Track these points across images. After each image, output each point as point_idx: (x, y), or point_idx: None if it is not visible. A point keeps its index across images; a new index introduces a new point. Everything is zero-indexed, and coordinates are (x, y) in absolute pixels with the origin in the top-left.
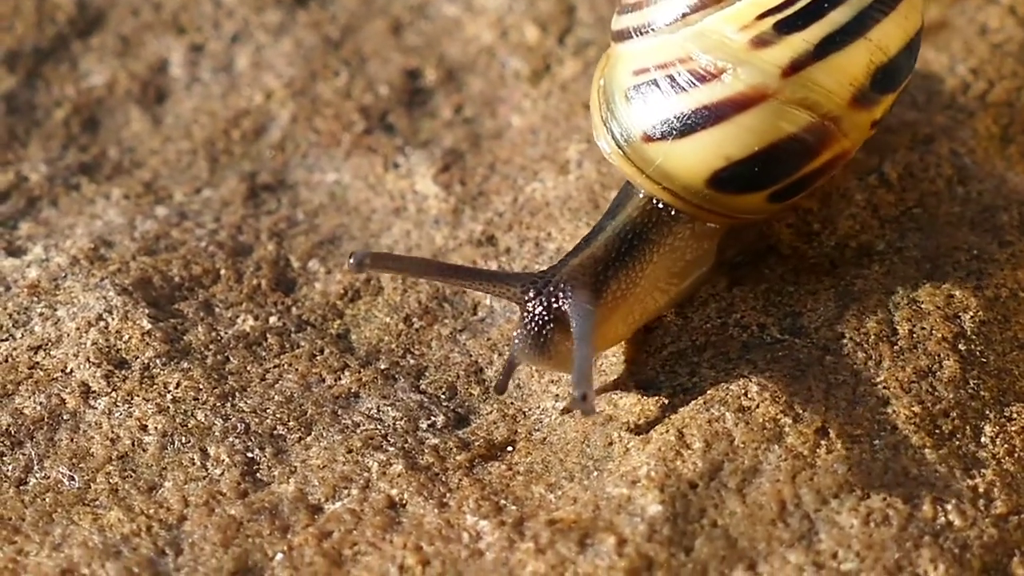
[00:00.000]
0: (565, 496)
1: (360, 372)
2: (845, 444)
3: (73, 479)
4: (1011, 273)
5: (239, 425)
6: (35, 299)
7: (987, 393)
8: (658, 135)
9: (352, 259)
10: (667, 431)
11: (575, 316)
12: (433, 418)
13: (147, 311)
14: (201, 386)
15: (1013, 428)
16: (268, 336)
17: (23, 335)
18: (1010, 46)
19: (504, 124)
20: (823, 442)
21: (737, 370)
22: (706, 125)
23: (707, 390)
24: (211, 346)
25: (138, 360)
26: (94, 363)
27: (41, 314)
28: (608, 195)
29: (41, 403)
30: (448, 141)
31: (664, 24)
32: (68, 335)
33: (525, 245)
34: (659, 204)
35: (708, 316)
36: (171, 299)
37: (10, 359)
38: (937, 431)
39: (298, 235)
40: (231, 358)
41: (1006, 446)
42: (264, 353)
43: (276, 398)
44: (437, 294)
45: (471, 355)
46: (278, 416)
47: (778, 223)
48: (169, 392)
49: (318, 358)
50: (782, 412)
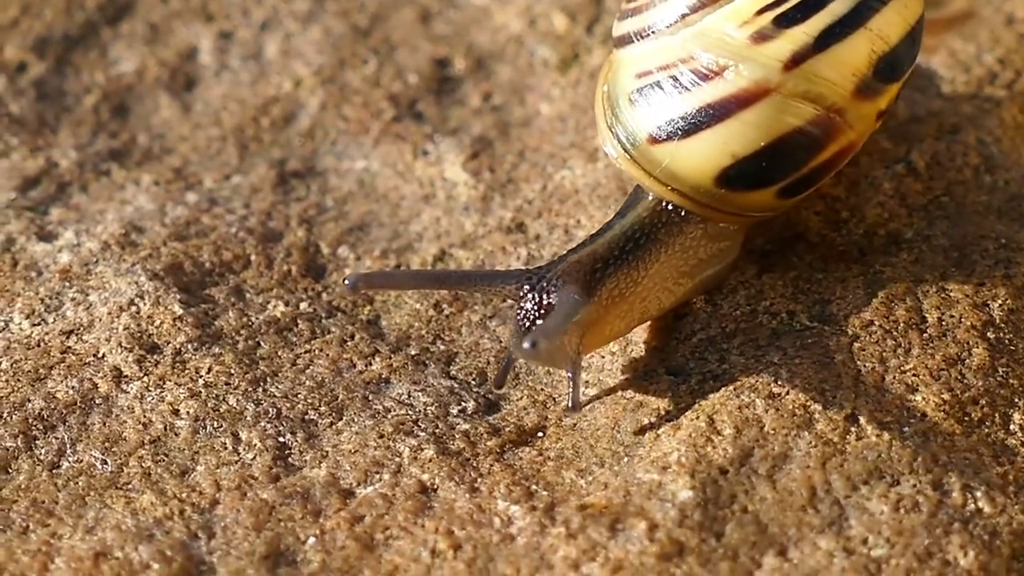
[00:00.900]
0: (596, 481)
1: (391, 358)
2: (875, 431)
3: (106, 463)
4: None
5: (271, 410)
6: (67, 284)
7: (1016, 381)
8: (664, 136)
9: (347, 282)
10: (697, 417)
11: (560, 303)
12: (464, 404)
13: (178, 296)
14: (233, 371)
15: None
16: (299, 322)
17: (55, 320)
18: None
19: (533, 112)
20: (853, 429)
21: (767, 357)
22: (711, 123)
23: (737, 377)
24: (242, 331)
25: (170, 345)
26: (126, 348)
27: (73, 299)
28: None
29: (73, 387)
30: (477, 129)
31: (664, 26)
32: (100, 320)
33: (555, 232)
34: (669, 206)
35: (737, 303)
36: (202, 284)
37: (42, 343)
38: (966, 419)
39: (328, 222)
40: (262, 343)
41: None
42: (295, 339)
43: (307, 383)
44: None
45: (501, 341)
46: (309, 401)
47: (806, 211)
48: (201, 377)
49: (349, 344)
50: (812, 399)
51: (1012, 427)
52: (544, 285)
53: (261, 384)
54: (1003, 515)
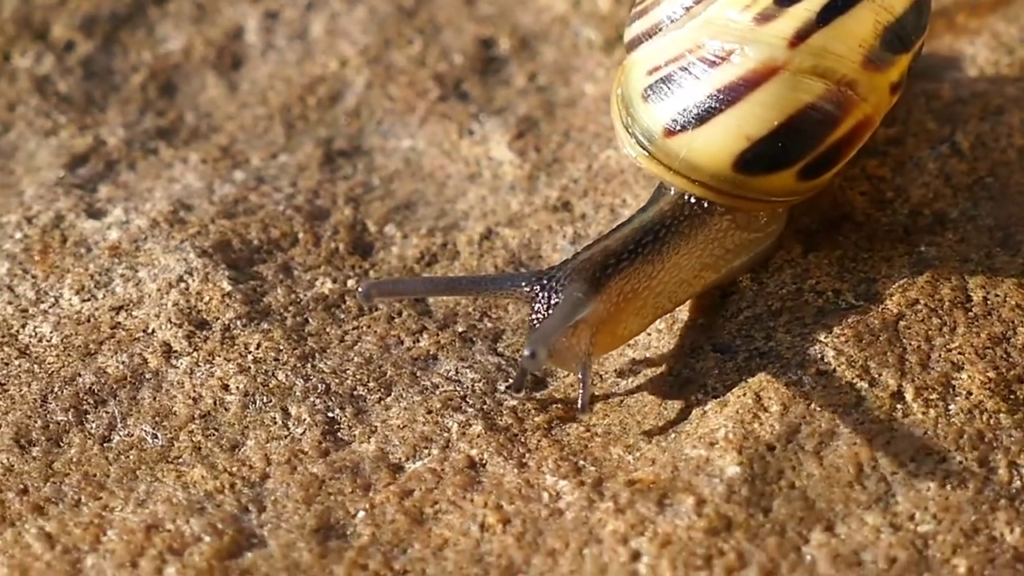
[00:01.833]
0: (643, 457)
1: (438, 335)
2: (921, 408)
3: (156, 437)
4: None
5: (319, 385)
6: (116, 260)
7: None
8: (678, 127)
9: (359, 291)
10: (744, 394)
11: (563, 301)
12: (511, 380)
13: (227, 273)
14: (281, 347)
15: None
16: (347, 298)
17: (104, 295)
18: None
19: (577, 92)
20: (899, 406)
21: (813, 335)
22: (723, 108)
23: (783, 354)
24: (290, 308)
25: (219, 321)
26: (175, 323)
27: (122, 275)
28: None
29: (123, 362)
30: (522, 109)
31: (671, 21)
32: (149, 296)
33: (600, 211)
34: (691, 199)
35: (783, 282)
36: (250, 262)
37: (92, 319)
38: (1011, 397)
39: (374, 200)
40: (310, 320)
41: None
42: (343, 315)
43: (355, 359)
44: (513, 259)
45: None
46: (358, 377)
47: (851, 191)
48: (250, 353)
49: (396, 321)
50: (858, 376)
51: None
52: (553, 286)
53: (310, 360)
54: None
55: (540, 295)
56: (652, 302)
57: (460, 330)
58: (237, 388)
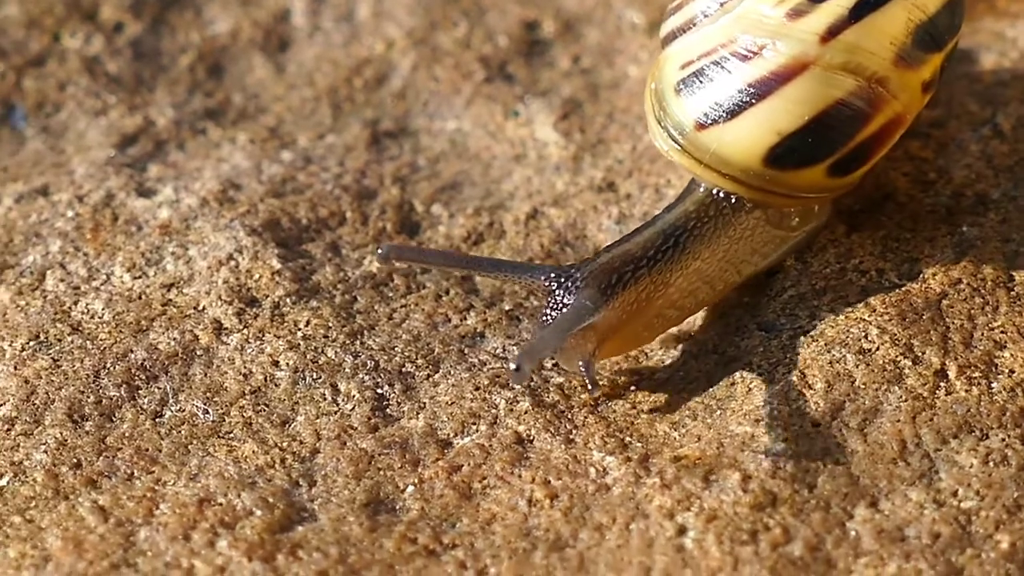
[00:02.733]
0: (689, 434)
1: (485, 313)
2: (964, 386)
3: (208, 412)
4: None
5: (368, 362)
6: (166, 239)
7: None
8: (709, 121)
9: (379, 251)
10: (789, 372)
11: (571, 306)
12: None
13: (276, 251)
14: (330, 324)
15: None
16: (394, 277)
17: (155, 273)
18: None
19: (621, 74)
20: (942, 384)
21: (856, 313)
22: (754, 102)
23: (827, 333)
24: (339, 286)
25: (268, 299)
26: (226, 301)
27: (173, 253)
28: None
29: (175, 339)
30: (567, 91)
31: (704, 16)
32: (200, 274)
33: (645, 192)
34: (720, 194)
35: (827, 261)
36: (299, 240)
37: (143, 296)
38: None
39: (421, 180)
40: (359, 298)
41: None
42: (391, 293)
43: (404, 337)
44: (559, 238)
45: None
46: (406, 354)
47: (894, 171)
48: (299, 330)
49: (444, 299)
50: (901, 354)
51: None
52: (569, 285)
53: (358, 337)
54: None
55: (556, 291)
56: (665, 312)
57: (507, 308)
58: (287, 364)
